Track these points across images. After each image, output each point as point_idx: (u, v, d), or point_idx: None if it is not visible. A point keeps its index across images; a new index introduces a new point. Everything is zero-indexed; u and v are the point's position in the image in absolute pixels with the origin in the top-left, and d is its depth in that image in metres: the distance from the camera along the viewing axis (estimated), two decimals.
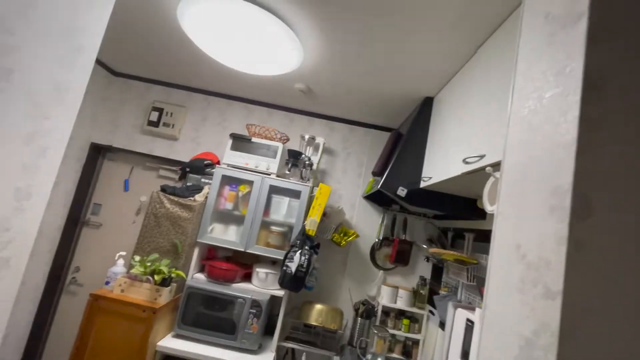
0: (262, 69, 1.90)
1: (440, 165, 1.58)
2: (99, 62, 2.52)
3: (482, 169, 1.17)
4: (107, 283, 1.90)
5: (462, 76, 1.59)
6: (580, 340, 0.34)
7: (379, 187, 1.89)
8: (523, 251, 0.44)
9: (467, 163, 1.26)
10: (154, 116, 2.57)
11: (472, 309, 1.53)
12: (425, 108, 1.95)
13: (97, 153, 2.64)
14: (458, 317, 1.55)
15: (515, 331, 0.42)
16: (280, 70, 1.88)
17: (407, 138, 1.93)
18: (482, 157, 1.15)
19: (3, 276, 1.02)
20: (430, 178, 1.67)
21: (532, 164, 0.49)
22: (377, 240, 2.47)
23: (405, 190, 1.84)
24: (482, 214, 1.83)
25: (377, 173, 2.00)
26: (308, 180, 2.25)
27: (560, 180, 0.40)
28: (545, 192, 0.43)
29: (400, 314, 2.31)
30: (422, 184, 1.78)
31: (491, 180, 1.00)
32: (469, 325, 1.46)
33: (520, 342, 0.40)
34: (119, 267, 1.94)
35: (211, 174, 2.23)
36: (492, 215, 0.62)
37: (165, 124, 2.56)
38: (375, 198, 2.46)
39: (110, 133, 2.62)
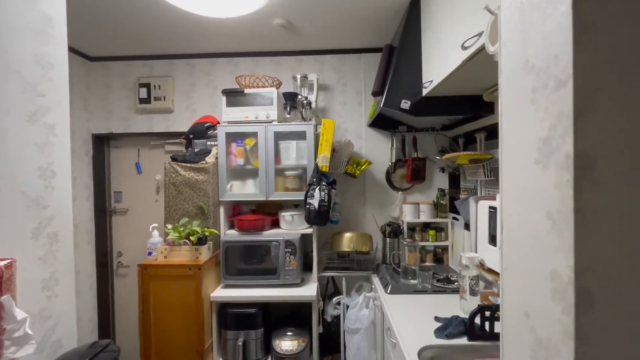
0: (236, 8, 1.80)
1: (439, 65, 1.53)
2: (73, 50, 2.44)
3: (482, 49, 1.13)
4: (149, 254, 2.04)
5: None
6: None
7: (381, 105, 1.86)
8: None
9: (465, 48, 1.21)
10: (143, 93, 2.53)
11: (493, 198, 1.58)
12: (413, 12, 1.84)
13: (101, 143, 2.67)
14: (481, 208, 1.62)
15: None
16: (254, 5, 1.78)
17: (400, 48, 1.85)
18: (480, 34, 1.10)
19: (57, 249, 1.11)
20: (431, 82, 1.63)
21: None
22: (390, 163, 2.50)
23: (409, 102, 1.81)
24: (490, 109, 1.81)
25: (377, 92, 1.96)
26: (310, 119, 2.24)
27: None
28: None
29: (426, 226, 2.41)
30: (425, 91, 1.74)
31: (491, 19, 0.97)
32: (492, 212, 1.52)
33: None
34: (156, 237, 2.07)
35: (215, 136, 2.25)
36: None
37: (156, 98, 2.53)
38: (381, 123, 2.44)
39: (107, 120, 2.62)
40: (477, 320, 1.37)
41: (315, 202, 2.02)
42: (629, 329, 0.39)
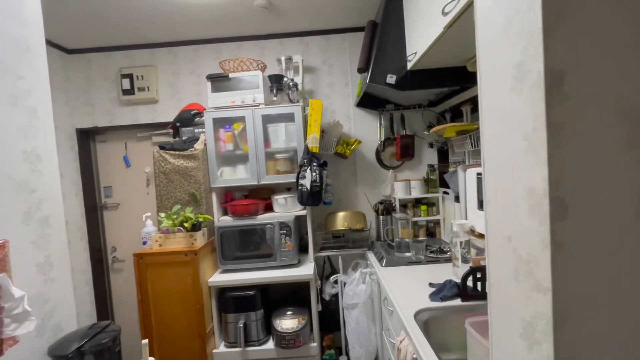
0: None
1: (422, 35, 1.54)
2: (49, 42, 2.37)
3: (462, 13, 1.15)
4: (144, 243, 2.03)
5: None
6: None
7: (367, 81, 1.87)
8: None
9: (446, 14, 1.22)
10: (126, 84, 2.48)
11: (479, 165, 1.62)
12: None
13: (86, 138, 2.62)
14: (469, 176, 1.65)
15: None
16: None
17: (383, 23, 1.85)
18: None
19: (49, 233, 1.10)
20: (415, 54, 1.65)
21: None
22: (379, 142, 2.53)
23: (395, 77, 1.83)
24: (474, 79, 1.83)
25: (363, 69, 1.96)
26: (297, 101, 2.23)
27: None
28: None
29: (417, 202, 2.46)
30: (409, 65, 1.75)
31: None
32: (479, 178, 1.55)
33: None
34: (150, 226, 2.06)
35: (202, 123, 2.23)
36: None
37: (140, 89, 2.49)
38: (368, 102, 2.45)
39: (90, 114, 2.57)
40: (470, 283, 1.42)
41: (307, 182, 2.04)
42: (600, 235, 0.42)
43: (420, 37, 1.56)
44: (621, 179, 0.41)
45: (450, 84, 1.87)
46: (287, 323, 2.02)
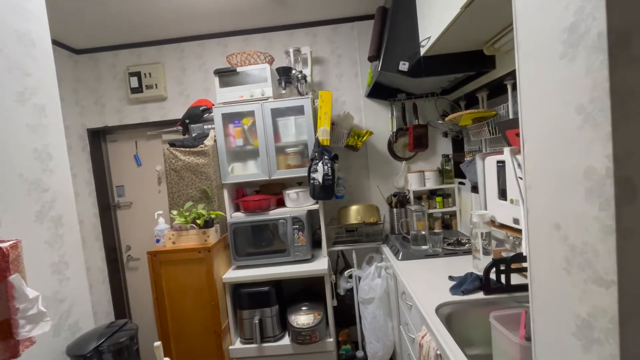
0: None
1: (436, 18, 1.47)
2: (57, 43, 2.37)
3: None
4: (157, 241, 2.03)
5: None
6: None
7: (379, 70, 1.81)
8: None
9: None
10: (134, 82, 2.47)
11: (500, 153, 1.55)
12: None
13: (98, 138, 2.63)
14: (488, 165, 1.59)
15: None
16: None
17: (393, 9, 1.78)
18: None
19: (63, 233, 1.09)
20: (429, 39, 1.58)
21: None
22: (391, 133, 2.46)
23: (407, 64, 1.76)
24: (491, 63, 1.75)
25: (374, 57, 1.90)
26: (307, 93, 2.18)
27: None
28: None
29: (432, 194, 2.39)
30: (422, 51, 1.68)
31: None
32: (500, 166, 1.49)
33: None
34: (162, 224, 2.06)
35: (211, 119, 2.20)
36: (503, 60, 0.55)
37: (148, 87, 2.48)
38: (379, 93, 2.38)
39: (100, 114, 2.57)
40: (492, 276, 1.36)
41: (319, 176, 1.99)
42: None
43: (435, 20, 1.49)
44: None
45: (466, 69, 1.80)
46: (303, 319, 1.99)
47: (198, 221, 1.92)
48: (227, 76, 2.14)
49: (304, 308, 2.07)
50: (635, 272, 0.35)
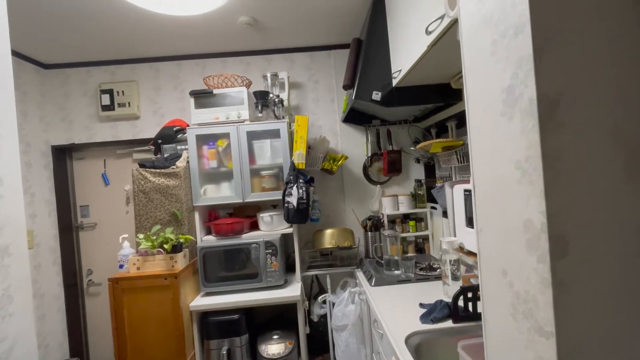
0: (196, 7, 1.75)
1: (406, 53, 1.55)
2: (24, 57, 2.28)
3: (445, 32, 1.15)
4: (121, 267, 1.92)
5: None
6: None
7: (353, 98, 1.86)
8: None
9: (429, 32, 1.23)
10: (106, 99, 2.41)
11: (467, 182, 1.61)
12: (378, 5, 1.86)
13: (63, 155, 2.51)
14: (456, 193, 1.64)
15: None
16: (214, 3, 1.74)
17: (367, 41, 1.86)
18: (442, 17, 1.12)
19: (9, 263, 1.01)
20: (400, 71, 1.65)
21: None
22: (366, 158, 2.51)
23: (380, 94, 1.82)
24: (458, 96, 1.85)
25: (348, 85, 1.96)
26: (283, 117, 2.21)
27: None
28: None
29: (405, 217, 2.43)
30: (394, 82, 1.75)
31: None
32: (467, 194, 1.54)
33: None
34: (127, 249, 1.96)
35: (185, 140, 2.16)
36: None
37: (120, 105, 2.42)
38: (355, 118, 2.44)
39: (67, 131, 2.47)
40: (461, 302, 1.38)
41: (293, 200, 1.99)
42: (605, 273, 0.39)
43: (405, 55, 1.57)
44: (622, 212, 0.38)
45: (435, 100, 1.89)
46: (274, 348, 1.92)
47: (165, 246, 1.84)
48: (203, 97, 2.13)
49: (275, 337, 2.00)
50: (572, 325, 0.37)
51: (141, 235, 1.88)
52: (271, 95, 2.24)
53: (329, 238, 2.24)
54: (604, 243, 0.38)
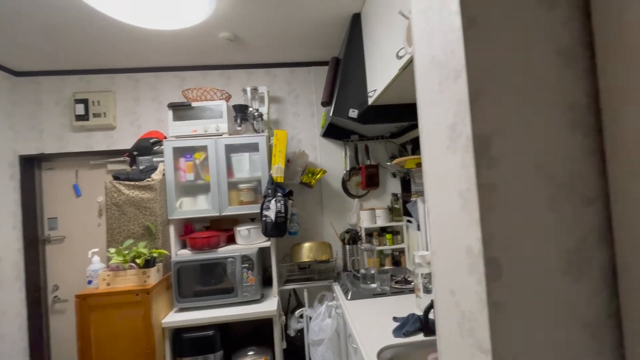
0: (175, 22, 1.77)
1: (381, 74, 1.62)
2: None
3: (412, 60, 1.22)
4: (89, 282, 1.85)
5: None
6: None
7: (330, 115, 1.91)
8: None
9: (400, 57, 1.30)
10: (80, 109, 2.35)
11: None
12: (355, 26, 1.94)
13: (31, 165, 2.42)
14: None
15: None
16: (196, 19, 1.76)
17: (345, 61, 1.93)
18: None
19: None
20: (375, 91, 1.72)
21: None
22: (345, 172, 2.56)
23: (357, 111, 1.88)
24: None
25: (326, 103, 2.01)
26: (262, 131, 2.23)
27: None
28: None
29: (382, 230, 2.48)
30: (370, 100, 1.82)
31: (406, 23, 1.06)
32: None
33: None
34: (96, 263, 1.89)
35: (161, 152, 2.14)
36: None
37: (95, 115, 2.37)
38: (334, 133, 2.50)
39: (37, 140, 2.38)
40: (432, 315, 1.42)
41: (271, 214, 1.99)
42: (534, 293, 0.43)
43: (379, 75, 1.64)
44: (548, 237, 0.43)
45: (409, 119, 1.97)
46: None
47: (138, 260, 1.79)
48: (181, 110, 2.13)
49: (250, 352, 1.97)
50: (506, 343, 0.41)
51: (112, 250, 1.83)
52: (251, 109, 2.26)
53: (306, 251, 2.25)
54: (534, 265, 0.43)
